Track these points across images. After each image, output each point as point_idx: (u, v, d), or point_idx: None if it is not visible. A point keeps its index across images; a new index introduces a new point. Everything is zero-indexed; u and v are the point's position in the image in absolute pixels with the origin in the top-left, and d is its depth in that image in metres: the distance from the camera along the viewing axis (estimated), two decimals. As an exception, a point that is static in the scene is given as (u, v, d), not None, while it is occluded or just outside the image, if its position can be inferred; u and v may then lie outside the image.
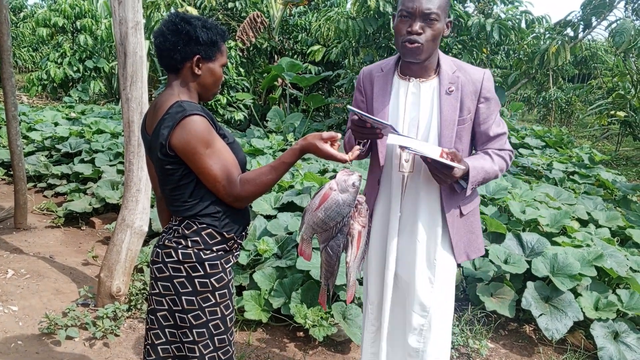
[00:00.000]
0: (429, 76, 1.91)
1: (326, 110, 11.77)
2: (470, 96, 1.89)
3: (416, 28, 1.77)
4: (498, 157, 1.92)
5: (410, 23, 1.79)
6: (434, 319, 1.97)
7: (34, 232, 4.54)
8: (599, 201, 4.86)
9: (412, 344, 1.99)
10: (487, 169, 1.87)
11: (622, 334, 3.01)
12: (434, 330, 1.98)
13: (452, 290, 2.03)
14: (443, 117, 1.87)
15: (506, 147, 1.96)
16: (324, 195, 1.53)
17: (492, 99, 1.92)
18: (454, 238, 1.96)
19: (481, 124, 1.93)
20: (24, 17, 19.24)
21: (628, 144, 11.35)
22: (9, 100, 4.34)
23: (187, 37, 1.57)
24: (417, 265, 1.95)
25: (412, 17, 1.79)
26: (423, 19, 1.78)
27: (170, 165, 1.58)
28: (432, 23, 1.78)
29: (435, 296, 1.96)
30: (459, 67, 1.92)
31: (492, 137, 1.94)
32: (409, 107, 1.91)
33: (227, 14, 10.42)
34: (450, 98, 1.87)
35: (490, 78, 1.93)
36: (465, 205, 1.96)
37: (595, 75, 14.69)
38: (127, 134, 3.16)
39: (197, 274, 1.63)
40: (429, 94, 1.90)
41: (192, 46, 1.58)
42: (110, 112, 9.27)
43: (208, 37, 1.58)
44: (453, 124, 1.87)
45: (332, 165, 5.33)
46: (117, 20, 3.04)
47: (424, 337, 1.98)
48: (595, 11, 7.26)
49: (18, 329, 2.99)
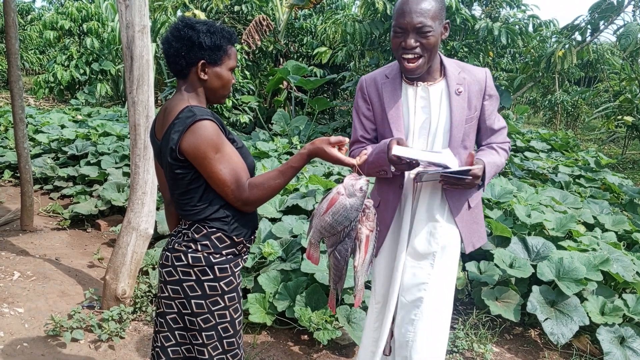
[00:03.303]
0: (435, 79, 1.94)
1: (331, 113, 11.78)
2: (476, 95, 1.95)
3: (410, 43, 1.80)
4: (502, 150, 2.04)
5: (405, 39, 1.80)
6: (427, 311, 1.96)
7: (40, 234, 4.56)
8: (605, 205, 4.84)
9: (402, 337, 2.00)
10: (497, 163, 1.97)
11: (628, 339, 2.99)
12: (425, 321, 1.96)
13: (452, 283, 2.03)
14: (453, 118, 1.90)
15: (507, 139, 2.08)
16: (332, 200, 1.54)
17: (494, 95, 2.01)
18: (463, 230, 2.00)
19: (487, 120, 2.01)
20: (31, 20, 19.35)
21: (634, 148, 11.29)
22: (16, 103, 4.37)
23: (190, 42, 1.58)
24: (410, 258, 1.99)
25: (405, 33, 1.80)
26: (416, 33, 1.79)
27: (180, 169, 1.58)
28: (425, 35, 1.79)
29: (431, 288, 1.96)
30: (462, 68, 1.97)
31: (496, 131, 2.04)
32: (419, 110, 1.93)
33: (233, 17, 10.46)
34: (459, 99, 1.91)
35: (490, 75, 2.01)
36: (472, 197, 2.02)
37: (602, 78, 14.62)
38: (133, 136, 3.17)
39: (207, 278, 1.64)
40: (437, 97, 1.93)
41: (195, 51, 1.59)
42: (117, 114, 9.31)
43: (212, 41, 1.58)
44: (462, 124, 1.92)
45: (337, 168, 5.34)
46: (124, 24, 3.05)
47: (415, 327, 1.97)
48: (603, 15, 7.22)
49: (24, 331, 3.01)
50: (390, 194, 2.01)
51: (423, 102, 1.93)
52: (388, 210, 2.03)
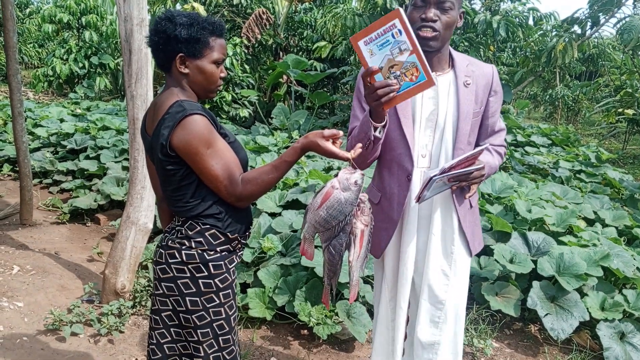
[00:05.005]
0: (444, 69, 1.90)
1: (331, 107, 11.76)
2: (483, 89, 1.92)
3: (431, 15, 1.75)
4: (497, 153, 2.01)
5: (425, 10, 1.77)
6: (450, 311, 1.97)
7: (40, 228, 4.55)
8: (606, 200, 4.83)
9: (426, 338, 1.98)
10: (492, 165, 1.95)
11: (628, 334, 2.99)
12: (450, 323, 1.98)
13: (466, 283, 2.04)
14: (461, 109, 1.87)
15: (503, 143, 2.05)
16: (326, 194, 1.51)
17: (499, 92, 1.98)
18: (467, 231, 1.98)
19: (489, 117, 1.97)
20: (29, 14, 19.27)
21: (635, 143, 11.28)
22: (14, 97, 4.35)
23: (166, 35, 1.54)
24: (432, 259, 1.95)
25: (426, 5, 1.77)
26: (437, 6, 1.76)
27: (171, 165, 1.56)
28: (446, 11, 1.77)
29: (451, 288, 1.97)
30: (470, 61, 1.94)
31: (496, 131, 2.01)
32: (426, 100, 1.89)
33: (233, 10, 10.41)
34: (467, 91, 1.88)
35: (497, 72, 1.99)
36: (472, 197, 2.00)
37: (603, 73, 14.59)
38: (132, 131, 3.16)
39: (201, 275, 1.62)
40: (446, 87, 1.89)
41: (172, 44, 1.55)
42: (116, 108, 9.28)
43: (188, 34, 1.54)
44: (470, 117, 1.89)
45: (337, 163, 5.32)
46: (122, 17, 3.03)
47: (440, 329, 1.98)
48: (603, 8, 7.19)
49: (23, 325, 3.00)
50: (395, 188, 1.94)
51: (431, 91, 1.87)
52: (393, 205, 1.95)
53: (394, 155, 1.91)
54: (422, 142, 1.90)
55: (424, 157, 1.91)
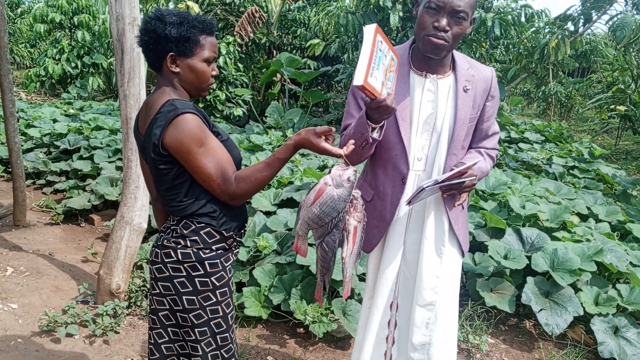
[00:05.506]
0: (445, 72, 1.87)
1: (325, 105, 11.75)
2: (481, 94, 1.89)
3: (443, 24, 1.71)
4: (489, 157, 2.00)
5: (438, 18, 1.71)
6: (440, 313, 1.97)
7: (33, 229, 4.53)
8: (599, 196, 4.86)
9: (417, 339, 1.98)
10: (483, 169, 1.94)
11: (622, 328, 3.01)
12: (440, 324, 1.97)
13: (457, 284, 2.03)
14: (458, 115, 1.85)
15: (496, 146, 2.04)
16: (319, 191, 1.51)
17: (497, 96, 1.96)
18: (458, 232, 1.98)
19: (485, 121, 1.95)
20: (21, 13, 19.11)
21: (628, 138, 11.34)
22: (6, 97, 4.32)
23: (156, 35, 1.54)
24: (424, 260, 1.95)
25: (440, 12, 1.71)
26: (451, 16, 1.71)
27: (164, 165, 1.56)
28: (459, 21, 1.73)
29: (442, 290, 1.96)
30: (470, 64, 1.91)
31: (490, 135, 2.00)
32: (424, 104, 1.86)
33: (225, 9, 10.37)
34: (466, 96, 1.85)
35: (496, 75, 1.96)
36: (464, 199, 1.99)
37: (595, 70, 14.65)
38: (125, 130, 3.15)
39: (197, 274, 1.62)
40: (445, 91, 1.86)
41: (162, 44, 1.55)
42: (109, 108, 9.23)
43: (178, 32, 1.53)
44: (466, 123, 1.87)
45: (332, 160, 5.32)
46: (114, 16, 3.02)
47: (430, 329, 1.97)
48: (595, 5, 7.22)
49: (18, 327, 2.99)
50: (389, 189, 1.93)
51: (431, 95, 1.85)
52: (386, 205, 1.95)
53: (390, 156, 1.90)
54: (418, 145, 1.89)
55: (419, 160, 1.90)
